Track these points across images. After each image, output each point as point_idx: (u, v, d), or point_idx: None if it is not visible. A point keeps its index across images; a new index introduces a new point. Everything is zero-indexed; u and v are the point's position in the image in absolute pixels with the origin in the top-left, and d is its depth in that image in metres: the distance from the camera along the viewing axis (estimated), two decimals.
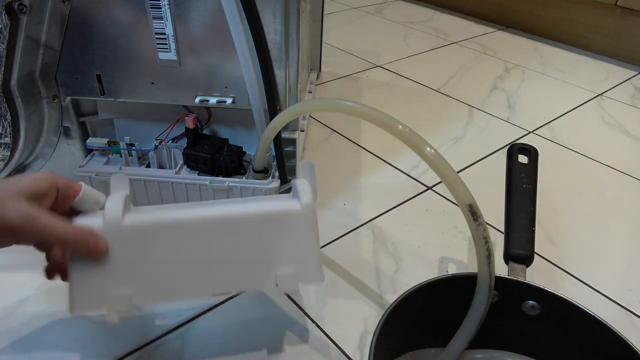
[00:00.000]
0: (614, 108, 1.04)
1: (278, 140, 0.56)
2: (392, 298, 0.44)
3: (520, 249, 0.48)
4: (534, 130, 0.94)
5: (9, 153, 0.54)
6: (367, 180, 0.77)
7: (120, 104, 0.61)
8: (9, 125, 0.53)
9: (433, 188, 0.76)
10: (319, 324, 0.53)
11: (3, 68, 0.50)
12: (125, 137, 0.63)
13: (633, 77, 1.20)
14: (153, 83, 0.58)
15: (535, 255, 0.49)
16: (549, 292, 0.45)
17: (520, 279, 0.46)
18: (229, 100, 0.58)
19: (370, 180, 0.77)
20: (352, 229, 0.67)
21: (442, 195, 0.74)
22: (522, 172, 0.53)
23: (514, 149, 0.55)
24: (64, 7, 0.53)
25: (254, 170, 0.59)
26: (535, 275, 0.60)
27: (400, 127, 0.41)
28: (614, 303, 0.58)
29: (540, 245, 0.65)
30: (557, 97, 1.08)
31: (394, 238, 0.66)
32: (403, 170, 0.80)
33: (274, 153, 0.59)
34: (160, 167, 0.64)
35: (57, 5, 0.53)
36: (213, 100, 0.58)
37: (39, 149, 0.60)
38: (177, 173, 0.60)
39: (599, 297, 0.59)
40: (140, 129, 0.64)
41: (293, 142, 0.63)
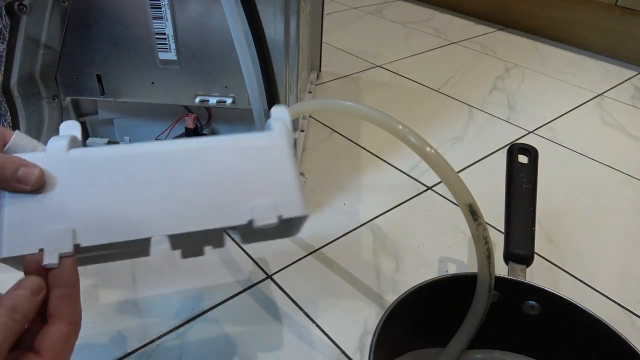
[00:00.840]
0: (614, 108, 1.04)
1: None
2: (392, 298, 0.44)
3: (520, 249, 0.48)
4: (534, 130, 0.94)
5: None
6: (367, 180, 0.77)
7: (120, 104, 0.61)
8: (9, 126, 0.53)
9: (433, 188, 0.76)
10: (319, 324, 0.53)
11: (3, 68, 0.50)
12: (126, 137, 0.63)
13: (633, 77, 1.20)
14: (153, 83, 0.58)
15: (535, 255, 0.49)
16: (549, 292, 0.45)
17: (520, 279, 0.46)
18: (229, 100, 0.58)
19: (370, 180, 0.77)
20: (352, 229, 0.67)
21: (442, 195, 0.74)
22: (522, 172, 0.53)
23: (514, 149, 0.55)
24: (64, 7, 0.53)
25: None
26: (535, 275, 0.60)
27: (400, 127, 0.41)
28: (614, 303, 0.58)
29: (540, 245, 0.65)
30: (557, 97, 1.08)
31: (394, 238, 0.66)
32: (403, 170, 0.80)
33: None
34: None
35: (57, 5, 0.53)
36: (213, 100, 0.58)
37: (39, 149, 0.60)
38: None
39: (599, 297, 0.59)
40: (140, 129, 0.64)
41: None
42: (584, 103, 1.06)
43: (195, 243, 0.37)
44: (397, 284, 0.58)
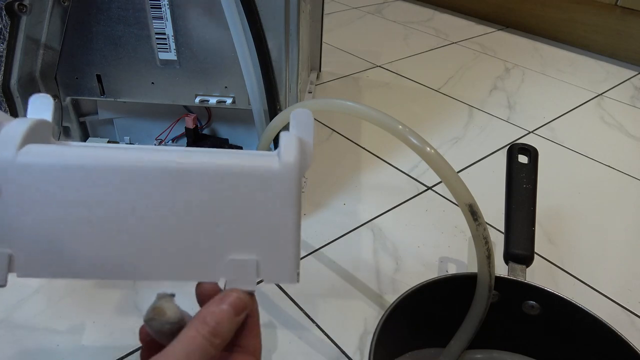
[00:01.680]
0: (614, 108, 1.04)
1: (278, 141, 0.56)
2: (392, 298, 0.44)
3: (520, 249, 0.48)
4: (534, 130, 0.94)
5: None
6: (367, 180, 0.77)
7: (120, 104, 0.61)
8: None
9: (433, 188, 0.76)
10: (319, 324, 0.53)
11: (3, 68, 0.50)
12: (126, 137, 0.63)
13: (633, 77, 1.20)
14: (153, 83, 0.58)
15: (535, 255, 0.49)
16: (549, 292, 0.45)
17: (520, 279, 0.46)
18: (229, 100, 0.58)
19: (370, 180, 0.77)
20: (352, 229, 0.67)
21: (442, 195, 0.74)
22: (522, 172, 0.53)
23: (514, 149, 0.55)
24: (64, 7, 0.53)
25: None
26: (535, 275, 0.60)
27: (400, 127, 0.41)
28: (614, 303, 0.58)
29: (540, 245, 0.65)
30: (557, 97, 1.08)
31: (394, 238, 0.66)
32: (403, 170, 0.80)
33: None
34: None
35: (57, 5, 0.53)
36: (213, 100, 0.58)
37: None
38: None
39: (599, 297, 0.59)
40: (140, 129, 0.64)
41: None
42: (584, 103, 1.06)
43: None
44: (397, 284, 0.58)
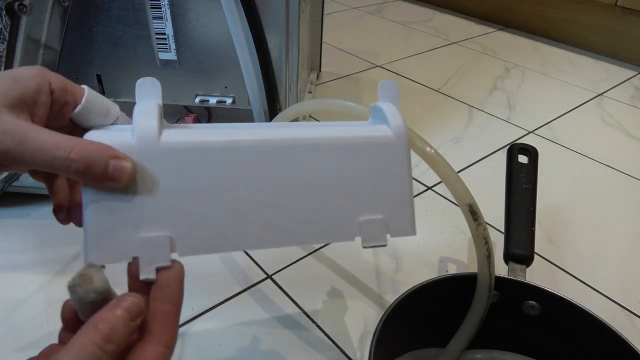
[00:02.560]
0: (614, 108, 1.04)
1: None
2: (392, 298, 0.44)
3: (520, 249, 0.48)
4: (534, 130, 0.94)
5: None
6: None
7: (120, 104, 0.61)
8: None
9: (433, 188, 0.76)
10: (319, 324, 0.53)
11: (3, 68, 0.50)
12: None
13: (633, 77, 1.20)
14: None
15: (535, 255, 0.49)
16: (549, 292, 0.45)
17: (520, 279, 0.46)
18: (229, 100, 0.58)
19: None
20: None
21: (442, 195, 0.74)
22: (522, 172, 0.53)
23: (514, 149, 0.55)
24: (64, 7, 0.53)
25: None
26: (535, 275, 0.60)
27: None
28: (614, 303, 0.58)
29: (540, 245, 0.65)
30: (557, 97, 1.08)
31: (394, 238, 0.65)
32: None
33: None
34: None
35: (57, 5, 0.53)
36: (213, 100, 0.58)
37: None
38: None
39: (599, 297, 0.59)
40: None
41: None
42: (584, 103, 1.06)
43: None
44: (397, 284, 0.58)
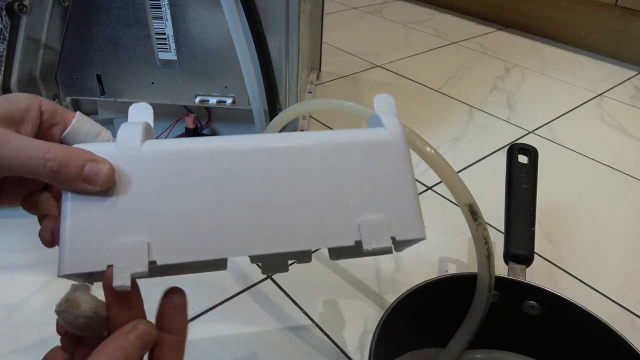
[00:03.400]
0: (614, 108, 1.04)
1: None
2: (392, 298, 0.44)
3: (520, 249, 0.48)
4: (534, 130, 0.94)
5: None
6: None
7: (120, 104, 0.61)
8: None
9: (433, 188, 0.76)
10: (319, 324, 0.53)
11: (3, 68, 0.50)
12: None
13: (633, 77, 1.20)
14: (153, 83, 0.58)
15: (535, 255, 0.49)
16: (549, 292, 0.45)
17: (520, 279, 0.46)
18: (229, 100, 0.58)
19: None
20: None
21: (442, 195, 0.74)
22: (522, 172, 0.53)
23: (514, 149, 0.55)
24: (64, 7, 0.53)
25: None
26: (535, 275, 0.60)
27: None
28: (614, 303, 0.58)
29: (540, 245, 0.65)
30: (557, 97, 1.08)
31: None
32: None
33: None
34: None
35: (57, 5, 0.53)
36: (213, 100, 0.58)
37: None
38: None
39: (599, 297, 0.59)
40: None
41: None
42: (584, 103, 1.06)
43: (280, 257, 0.31)
44: (397, 284, 0.58)
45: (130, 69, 0.57)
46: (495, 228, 0.67)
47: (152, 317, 0.27)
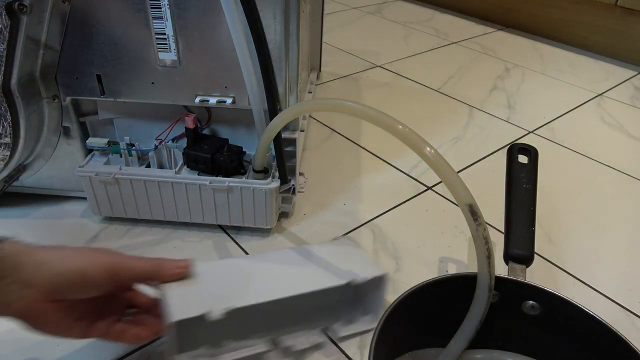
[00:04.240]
0: (614, 108, 1.05)
1: (278, 140, 0.56)
2: (392, 298, 0.44)
3: (520, 249, 0.48)
4: (534, 130, 0.94)
5: (9, 153, 0.54)
6: (367, 180, 0.77)
7: (120, 104, 0.61)
8: (9, 126, 0.53)
9: (433, 188, 0.76)
10: None
11: (3, 68, 0.50)
12: (126, 137, 0.63)
13: (633, 77, 1.20)
14: (153, 83, 0.58)
15: (535, 255, 0.49)
16: (549, 292, 0.45)
17: (520, 279, 0.46)
18: (229, 100, 0.58)
19: (370, 180, 0.77)
20: (352, 229, 0.67)
21: (442, 195, 0.74)
22: (522, 172, 0.53)
23: (514, 149, 0.55)
24: (64, 7, 0.53)
25: (254, 170, 0.59)
26: (535, 275, 0.60)
27: (400, 127, 0.41)
28: (614, 303, 0.58)
29: (540, 245, 0.65)
30: (557, 97, 1.08)
31: (394, 238, 0.66)
32: (403, 170, 0.80)
33: (274, 153, 0.59)
34: (160, 167, 0.64)
35: (57, 5, 0.53)
36: (213, 100, 0.58)
37: (39, 149, 0.60)
38: (177, 173, 0.60)
39: (599, 297, 0.59)
40: (140, 129, 0.64)
41: (293, 142, 0.63)
42: (584, 103, 1.06)
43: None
44: (397, 284, 0.58)
45: (130, 69, 0.57)
46: (495, 228, 0.68)
47: None
